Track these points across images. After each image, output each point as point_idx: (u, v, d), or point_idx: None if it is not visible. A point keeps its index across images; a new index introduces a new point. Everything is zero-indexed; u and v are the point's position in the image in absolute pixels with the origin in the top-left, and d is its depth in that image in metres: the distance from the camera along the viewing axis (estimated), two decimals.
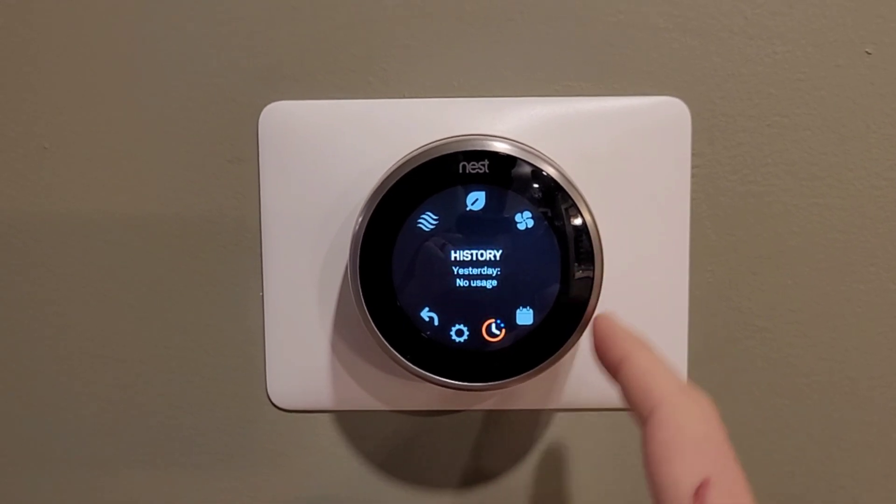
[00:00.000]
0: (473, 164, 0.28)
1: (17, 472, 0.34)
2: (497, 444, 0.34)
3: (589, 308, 0.29)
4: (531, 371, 0.29)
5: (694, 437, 0.22)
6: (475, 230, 0.29)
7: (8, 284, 0.33)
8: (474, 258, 0.29)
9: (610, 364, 0.26)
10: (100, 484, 0.34)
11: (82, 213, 0.33)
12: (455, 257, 0.29)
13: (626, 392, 0.24)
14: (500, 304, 0.29)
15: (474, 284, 0.29)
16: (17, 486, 0.34)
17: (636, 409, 0.24)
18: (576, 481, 0.34)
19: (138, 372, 0.34)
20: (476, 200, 0.29)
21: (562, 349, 0.29)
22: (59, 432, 0.34)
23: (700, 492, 0.21)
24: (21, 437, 0.34)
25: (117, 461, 0.34)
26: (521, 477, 0.34)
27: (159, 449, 0.34)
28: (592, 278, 0.28)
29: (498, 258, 0.29)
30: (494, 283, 0.29)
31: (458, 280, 0.29)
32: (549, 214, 0.28)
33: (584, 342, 0.31)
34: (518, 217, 0.28)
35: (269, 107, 0.32)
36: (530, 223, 0.28)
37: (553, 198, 0.28)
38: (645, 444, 0.22)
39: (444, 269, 0.29)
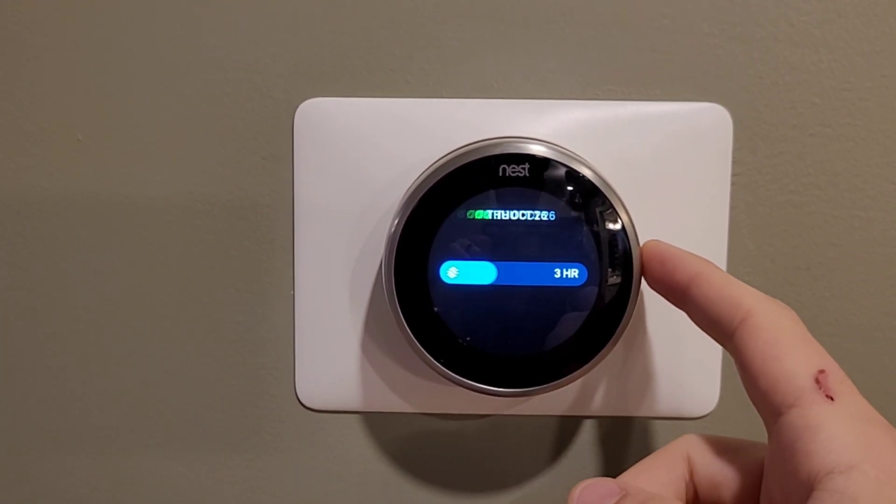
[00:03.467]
0: (513, 168, 0.28)
1: (43, 464, 0.34)
2: (527, 449, 0.33)
3: (626, 314, 0.28)
4: (566, 378, 0.29)
5: (799, 335, 0.23)
6: (513, 234, 0.28)
7: (40, 277, 0.33)
8: (511, 262, 0.28)
9: (678, 284, 0.26)
10: (125, 479, 0.34)
11: (114, 207, 0.32)
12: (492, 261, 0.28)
13: (707, 305, 0.25)
14: (537, 308, 0.28)
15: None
16: (45, 480, 0.34)
17: (721, 320, 0.24)
18: None
19: (167, 369, 0.33)
20: (515, 204, 0.28)
21: (598, 356, 0.29)
22: (86, 427, 0.34)
23: (820, 377, 0.22)
24: (49, 431, 0.34)
25: (144, 458, 0.34)
26: (550, 482, 0.34)
27: (186, 446, 0.34)
28: (630, 284, 0.28)
29: (535, 262, 0.28)
30: (531, 287, 0.28)
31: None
32: (588, 219, 0.28)
33: (619, 349, 0.31)
34: (556, 221, 0.28)
35: (305, 103, 0.31)
36: (569, 227, 0.28)
37: (592, 202, 0.28)
38: (745, 348, 0.23)
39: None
